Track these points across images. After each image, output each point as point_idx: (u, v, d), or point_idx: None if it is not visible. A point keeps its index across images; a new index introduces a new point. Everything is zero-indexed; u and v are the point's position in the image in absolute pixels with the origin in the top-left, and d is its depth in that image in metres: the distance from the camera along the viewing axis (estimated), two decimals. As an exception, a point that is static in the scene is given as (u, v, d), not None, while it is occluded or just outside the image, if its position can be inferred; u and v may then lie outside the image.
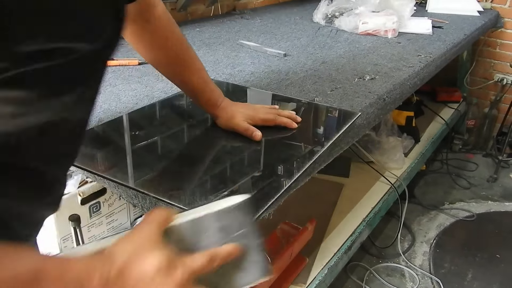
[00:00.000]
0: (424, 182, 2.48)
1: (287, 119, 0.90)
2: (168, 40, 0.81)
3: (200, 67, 0.86)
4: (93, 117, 0.94)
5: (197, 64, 0.85)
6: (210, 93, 0.86)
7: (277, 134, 0.88)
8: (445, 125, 2.43)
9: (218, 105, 0.87)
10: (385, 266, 1.84)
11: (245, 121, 0.86)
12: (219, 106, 0.87)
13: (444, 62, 1.61)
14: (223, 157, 0.82)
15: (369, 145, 1.99)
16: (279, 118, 0.89)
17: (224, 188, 0.71)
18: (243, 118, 0.86)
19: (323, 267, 1.42)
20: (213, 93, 0.87)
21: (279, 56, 1.43)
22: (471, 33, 1.94)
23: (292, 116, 0.92)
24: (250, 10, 2.23)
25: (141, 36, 0.79)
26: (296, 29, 1.85)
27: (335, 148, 0.92)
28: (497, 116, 2.82)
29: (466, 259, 1.90)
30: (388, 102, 1.18)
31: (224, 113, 0.87)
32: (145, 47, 0.82)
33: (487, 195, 2.41)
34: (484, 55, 2.77)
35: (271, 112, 0.90)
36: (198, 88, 0.85)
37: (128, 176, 0.75)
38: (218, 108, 0.87)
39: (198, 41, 1.60)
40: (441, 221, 2.16)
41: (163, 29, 0.80)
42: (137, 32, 0.78)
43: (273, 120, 0.88)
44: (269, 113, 0.90)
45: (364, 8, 1.86)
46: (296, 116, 0.93)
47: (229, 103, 0.89)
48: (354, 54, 1.50)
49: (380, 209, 1.73)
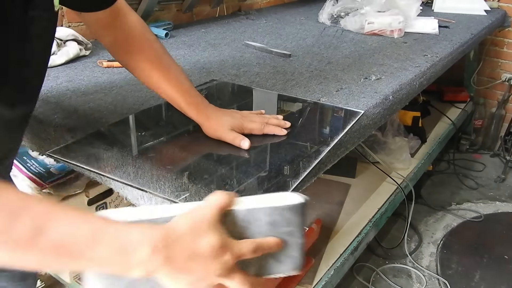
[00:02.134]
0: (431, 183, 2.46)
1: (274, 127, 0.87)
2: (143, 48, 0.82)
3: (177, 73, 0.84)
4: (99, 118, 0.94)
5: (173, 71, 0.84)
6: (190, 99, 0.85)
7: (266, 141, 0.86)
8: (452, 125, 2.42)
9: (201, 111, 0.85)
10: (391, 267, 1.83)
11: (232, 130, 0.83)
12: (202, 113, 0.85)
13: (450, 61, 1.60)
14: (229, 157, 0.82)
15: (375, 146, 1.99)
16: (266, 127, 0.86)
17: (230, 188, 0.71)
18: (229, 127, 0.83)
19: (329, 267, 1.41)
20: (193, 99, 0.85)
21: (285, 57, 1.43)
22: (478, 33, 1.92)
23: (281, 123, 0.89)
24: (255, 11, 2.24)
25: (116, 43, 0.82)
26: (301, 29, 1.85)
27: (341, 148, 0.91)
28: (504, 115, 2.80)
29: (473, 260, 1.89)
30: (394, 102, 1.17)
31: (208, 121, 0.85)
32: (120, 54, 0.84)
33: (495, 195, 2.39)
34: (491, 55, 2.75)
35: (256, 121, 0.87)
36: (176, 94, 0.84)
37: (133, 176, 0.75)
38: (201, 115, 0.85)
39: (203, 42, 1.60)
40: (448, 221, 2.14)
41: (138, 37, 0.81)
42: (112, 39, 0.81)
43: (260, 130, 0.85)
44: (255, 121, 0.87)
45: (370, 8, 1.85)
46: (285, 122, 0.90)
47: (213, 110, 0.86)
48: (359, 54, 1.49)
49: (386, 210, 1.73)
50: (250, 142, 0.81)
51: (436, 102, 2.62)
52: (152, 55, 0.83)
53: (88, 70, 1.26)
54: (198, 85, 1.15)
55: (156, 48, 0.84)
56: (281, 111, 1.05)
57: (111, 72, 1.25)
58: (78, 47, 1.37)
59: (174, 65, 0.85)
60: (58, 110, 0.99)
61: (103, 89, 1.12)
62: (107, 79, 1.19)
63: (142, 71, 0.84)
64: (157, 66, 0.83)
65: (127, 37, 0.81)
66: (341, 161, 0.95)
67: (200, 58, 1.40)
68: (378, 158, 1.92)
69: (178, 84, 0.84)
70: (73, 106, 1.00)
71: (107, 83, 1.15)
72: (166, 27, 1.71)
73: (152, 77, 0.83)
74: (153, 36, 0.84)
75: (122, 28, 0.81)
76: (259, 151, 0.84)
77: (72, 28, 1.41)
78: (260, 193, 0.67)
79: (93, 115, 0.96)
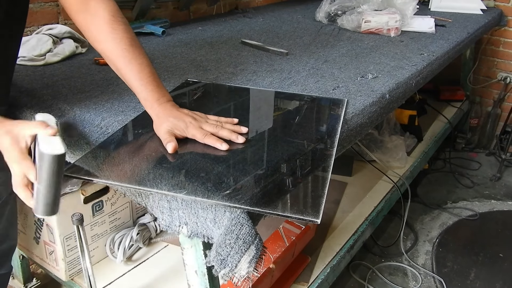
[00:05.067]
0: (427, 181, 2.47)
1: (228, 132, 0.83)
2: (109, 35, 0.84)
3: (141, 66, 0.85)
4: (96, 116, 0.94)
5: (136, 63, 0.85)
6: (147, 93, 0.85)
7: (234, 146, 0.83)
8: (448, 124, 2.43)
9: (153, 108, 0.85)
10: (387, 265, 1.84)
11: (170, 131, 0.81)
12: (154, 110, 0.84)
13: (447, 60, 1.61)
14: (225, 155, 0.82)
15: (371, 144, 1.99)
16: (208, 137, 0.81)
17: (226, 186, 0.71)
18: (169, 127, 0.82)
19: (325, 266, 1.42)
20: (150, 94, 0.85)
21: (282, 55, 1.43)
22: (474, 32, 1.93)
23: (235, 129, 0.85)
24: (253, 9, 2.23)
25: (86, 28, 0.86)
26: (298, 27, 1.85)
27: (337, 146, 0.91)
28: (500, 114, 2.81)
29: (469, 258, 1.90)
30: (391, 100, 1.17)
31: (157, 119, 0.84)
32: (90, 38, 0.87)
33: (490, 194, 2.40)
34: (487, 54, 2.76)
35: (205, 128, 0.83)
36: (136, 89, 0.85)
37: (130, 176, 0.75)
38: (152, 112, 0.85)
39: (200, 40, 1.60)
40: (444, 220, 2.15)
41: (105, 25, 0.84)
42: (83, 24, 0.86)
43: (201, 138, 0.81)
44: (203, 128, 0.83)
45: (367, 6, 1.85)
46: (241, 127, 0.86)
47: (165, 109, 0.84)
48: (356, 52, 1.49)
49: (382, 208, 1.73)
50: (176, 146, 0.79)
51: (433, 101, 2.63)
52: (116, 44, 0.84)
53: (85, 68, 1.25)
54: (195, 83, 1.15)
55: (123, 37, 0.85)
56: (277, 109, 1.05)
57: (108, 70, 1.24)
58: (74, 44, 1.36)
59: (138, 57, 0.85)
60: (54, 108, 0.99)
61: (99, 86, 1.11)
62: (104, 76, 1.18)
63: (108, 58, 0.86)
64: (122, 56, 0.84)
65: (96, 24, 0.84)
66: (338, 160, 0.95)
67: (197, 56, 1.40)
68: (374, 157, 1.92)
69: (140, 77, 0.85)
70: (69, 103, 1.00)
71: (103, 81, 1.15)
72: (163, 25, 1.70)
73: (116, 65, 0.86)
74: (121, 26, 0.85)
75: (92, 14, 0.83)
76: (256, 149, 0.84)
77: (68, 26, 1.40)
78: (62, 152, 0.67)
79: (90, 113, 0.96)
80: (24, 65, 1.24)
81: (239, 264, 0.66)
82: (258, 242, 0.67)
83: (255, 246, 0.66)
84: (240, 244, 0.66)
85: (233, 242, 0.66)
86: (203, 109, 1.01)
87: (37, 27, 1.43)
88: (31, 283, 1.56)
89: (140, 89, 0.85)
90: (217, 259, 0.66)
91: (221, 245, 0.66)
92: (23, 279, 1.55)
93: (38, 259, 1.41)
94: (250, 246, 0.66)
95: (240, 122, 0.90)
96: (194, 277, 0.81)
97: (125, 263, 1.40)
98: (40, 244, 1.37)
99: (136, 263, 1.41)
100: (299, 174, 0.77)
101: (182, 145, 0.81)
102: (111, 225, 1.42)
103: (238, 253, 0.65)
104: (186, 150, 0.81)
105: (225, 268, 0.66)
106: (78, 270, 1.37)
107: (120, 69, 0.86)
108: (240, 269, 0.66)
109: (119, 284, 1.34)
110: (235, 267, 0.66)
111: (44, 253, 1.37)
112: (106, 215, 1.39)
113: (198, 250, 0.77)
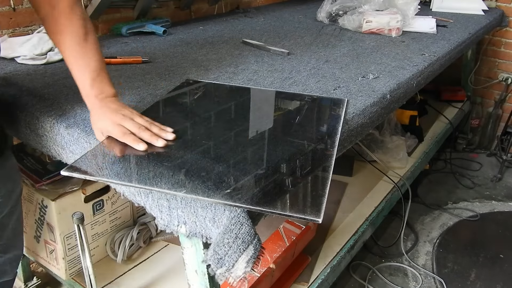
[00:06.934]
0: (428, 182, 2.47)
1: (149, 135, 0.82)
2: (65, 28, 0.85)
3: (89, 62, 0.86)
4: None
5: (84, 60, 0.86)
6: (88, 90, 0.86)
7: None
8: (449, 124, 2.43)
9: (89, 104, 0.86)
10: (388, 265, 1.84)
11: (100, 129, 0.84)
12: (90, 106, 0.86)
13: (448, 61, 1.60)
14: (226, 154, 0.82)
15: (372, 144, 1.99)
16: (128, 136, 0.81)
17: (226, 185, 0.71)
18: (100, 126, 0.84)
19: (325, 266, 1.42)
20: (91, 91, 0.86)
21: (283, 55, 1.43)
22: (475, 32, 1.93)
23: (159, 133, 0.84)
24: (254, 9, 2.23)
25: (46, 19, 0.87)
26: (299, 27, 1.85)
27: (338, 146, 0.91)
28: (501, 115, 2.81)
29: (469, 259, 1.90)
30: (392, 101, 1.17)
31: (91, 115, 0.86)
32: (48, 30, 0.89)
33: (491, 194, 2.40)
34: (488, 54, 2.76)
35: (127, 127, 0.82)
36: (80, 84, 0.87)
37: (130, 174, 0.75)
38: (89, 106, 0.87)
39: (201, 40, 1.60)
40: (445, 220, 2.15)
41: (63, 17, 0.85)
42: (43, 14, 0.86)
43: (120, 137, 0.81)
44: (123, 125, 0.82)
45: (368, 6, 1.85)
46: (166, 128, 0.85)
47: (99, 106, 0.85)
48: (357, 53, 1.49)
49: (383, 208, 1.73)
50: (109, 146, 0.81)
51: (434, 101, 2.63)
52: (69, 38, 0.85)
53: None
54: (196, 83, 1.15)
55: (78, 31, 0.86)
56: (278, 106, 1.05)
57: (108, 69, 1.24)
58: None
59: (89, 53, 0.87)
60: (55, 107, 0.99)
61: (100, 86, 1.11)
62: (105, 76, 1.18)
63: (60, 50, 0.88)
64: (73, 50, 0.86)
65: (55, 16, 0.85)
66: (338, 160, 0.95)
67: (198, 55, 1.40)
68: (375, 157, 1.92)
69: (84, 71, 0.86)
70: (70, 103, 1.00)
71: (104, 80, 1.15)
72: (164, 24, 1.70)
73: (66, 60, 0.87)
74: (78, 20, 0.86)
75: (52, 6, 0.85)
76: (258, 147, 0.84)
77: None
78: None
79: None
80: (26, 64, 1.24)
81: (236, 264, 0.65)
82: (256, 242, 0.67)
83: (254, 246, 0.66)
84: (239, 243, 0.65)
85: (231, 241, 0.65)
86: (203, 109, 1.01)
87: (38, 26, 1.44)
88: (31, 282, 1.56)
89: (82, 85, 0.86)
90: (214, 258, 0.66)
91: (219, 244, 0.66)
92: (23, 278, 1.55)
93: (39, 258, 1.42)
94: (248, 245, 0.66)
95: (240, 121, 0.90)
96: (194, 276, 0.81)
97: (125, 263, 1.40)
98: (41, 243, 1.37)
99: (136, 262, 1.41)
100: (300, 174, 0.77)
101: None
102: (111, 224, 1.43)
103: (236, 253, 0.65)
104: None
105: (221, 267, 0.65)
106: (79, 269, 1.37)
107: (68, 63, 0.87)
108: (237, 269, 0.65)
109: (119, 283, 1.34)
110: (232, 267, 0.65)
111: (44, 252, 1.38)
112: (107, 214, 1.40)
113: (198, 250, 0.77)
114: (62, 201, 1.26)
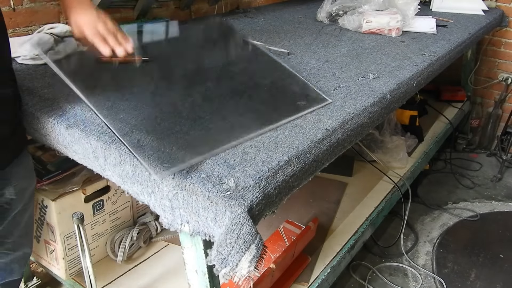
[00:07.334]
0: (428, 182, 2.47)
1: (114, 42, 0.95)
2: None
3: None
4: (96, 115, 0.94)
5: None
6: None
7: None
8: (449, 124, 2.43)
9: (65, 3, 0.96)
10: (388, 265, 1.84)
11: (76, 23, 0.95)
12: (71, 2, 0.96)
13: (448, 61, 1.60)
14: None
15: (372, 144, 1.99)
16: (97, 36, 0.94)
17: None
18: (76, 24, 0.95)
19: (325, 266, 1.42)
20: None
21: (283, 55, 1.43)
22: (475, 32, 1.93)
23: (122, 42, 0.96)
24: (254, 9, 2.23)
25: None
26: (299, 27, 1.85)
27: (338, 146, 0.91)
28: (501, 115, 2.81)
29: (469, 259, 1.90)
30: (392, 101, 1.17)
31: (71, 10, 0.96)
32: None
33: (491, 195, 2.40)
34: (488, 54, 2.76)
35: (97, 28, 0.93)
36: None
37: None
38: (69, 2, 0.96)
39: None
40: (445, 220, 2.15)
41: None
42: None
43: (89, 36, 0.94)
44: (96, 27, 0.93)
45: (368, 6, 1.85)
46: (127, 44, 0.97)
47: (74, 7, 0.95)
48: (357, 53, 1.49)
49: (383, 209, 1.73)
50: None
51: (434, 101, 2.63)
52: None
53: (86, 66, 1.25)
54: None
55: None
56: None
57: (110, 69, 1.24)
58: (75, 43, 1.36)
59: None
60: (55, 107, 0.99)
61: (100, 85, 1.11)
62: (105, 75, 1.18)
63: None
64: None
65: None
66: (338, 160, 0.95)
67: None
68: (375, 157, 1.92)
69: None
70: (70, 102, 1.00)
71: (105, 80, 1.15)
72: (164, 24, 1.70)
73: None
74: None
75: None
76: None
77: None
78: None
79: (91, 112, 0.96)
80: (26, 64, 1.24)
81: (240, 264, 0.66)
82: (258, 241, 0.67)
83: (256, 246, 0.66)
84: (241, 243, 0.66)
85: (233, 241, 0.66)
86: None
87: (39, 26, 1.44)
88: (31, 282, 1.56)
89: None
90: (218, 258, 0.66)
91: (222, 244, 0.66)
92: (23, 278, 1.55)
93: (39, 258, 1.42)
94: (250, 245, 0.66)
95: None
96: (194, 276, 0.81)
97: (125, 263, 1.40)
98: (41, 243, 1.37)
99: (136, 262, 1.41)
100: None
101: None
102: (111, 224, 1.43)
103: (239, 253, 0.65)
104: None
105: (226, 267, 0.66)
106: (79, 269, 1.37)
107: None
108: (240, 268, 0.66)
109: (119, 283, 1.34)
110: (235, 266, 0.66)
111: (44, 252, 1.38)
112: (107, 214, 1.40)
113: (199, 250, 0.77)
114: (62, 201, 1.26)
